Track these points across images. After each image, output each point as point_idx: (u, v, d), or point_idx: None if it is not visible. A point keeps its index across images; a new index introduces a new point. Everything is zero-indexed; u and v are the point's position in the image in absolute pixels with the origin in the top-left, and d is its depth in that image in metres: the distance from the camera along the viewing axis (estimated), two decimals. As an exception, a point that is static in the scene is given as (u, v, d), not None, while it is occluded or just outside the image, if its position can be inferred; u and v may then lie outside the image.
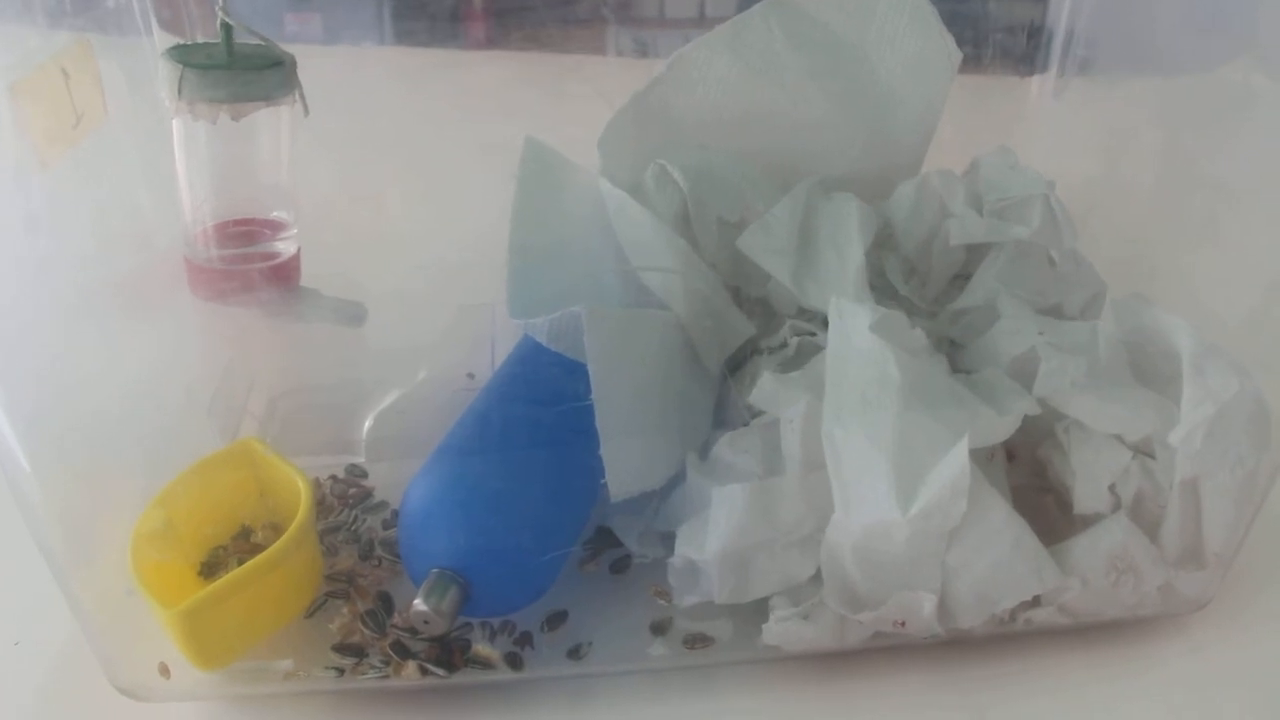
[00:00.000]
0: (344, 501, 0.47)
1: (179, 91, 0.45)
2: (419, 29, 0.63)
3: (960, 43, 0.50)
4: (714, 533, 0.41)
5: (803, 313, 0.47)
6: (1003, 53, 0.56)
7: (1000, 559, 0.40)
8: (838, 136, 0.51)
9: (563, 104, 0.62)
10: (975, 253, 0.49)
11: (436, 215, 0.57)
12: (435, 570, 0.39)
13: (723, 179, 0.50)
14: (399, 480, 0.47)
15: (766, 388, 0.42)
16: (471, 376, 0.52)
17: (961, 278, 0.49)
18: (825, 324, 0.45)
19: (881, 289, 0.48)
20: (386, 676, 0.41)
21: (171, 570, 0.43)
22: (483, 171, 0.57)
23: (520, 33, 0.63)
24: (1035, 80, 0.57)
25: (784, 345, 0.46)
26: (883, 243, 0.48)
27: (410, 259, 0.55)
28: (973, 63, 0.51)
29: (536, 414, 0.43)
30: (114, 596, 0.41)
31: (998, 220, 0.47)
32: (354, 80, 0.57)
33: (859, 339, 0.40)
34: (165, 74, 0.46)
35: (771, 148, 0.51)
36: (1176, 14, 0.52)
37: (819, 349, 0.45)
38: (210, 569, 0.44)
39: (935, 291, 0.49)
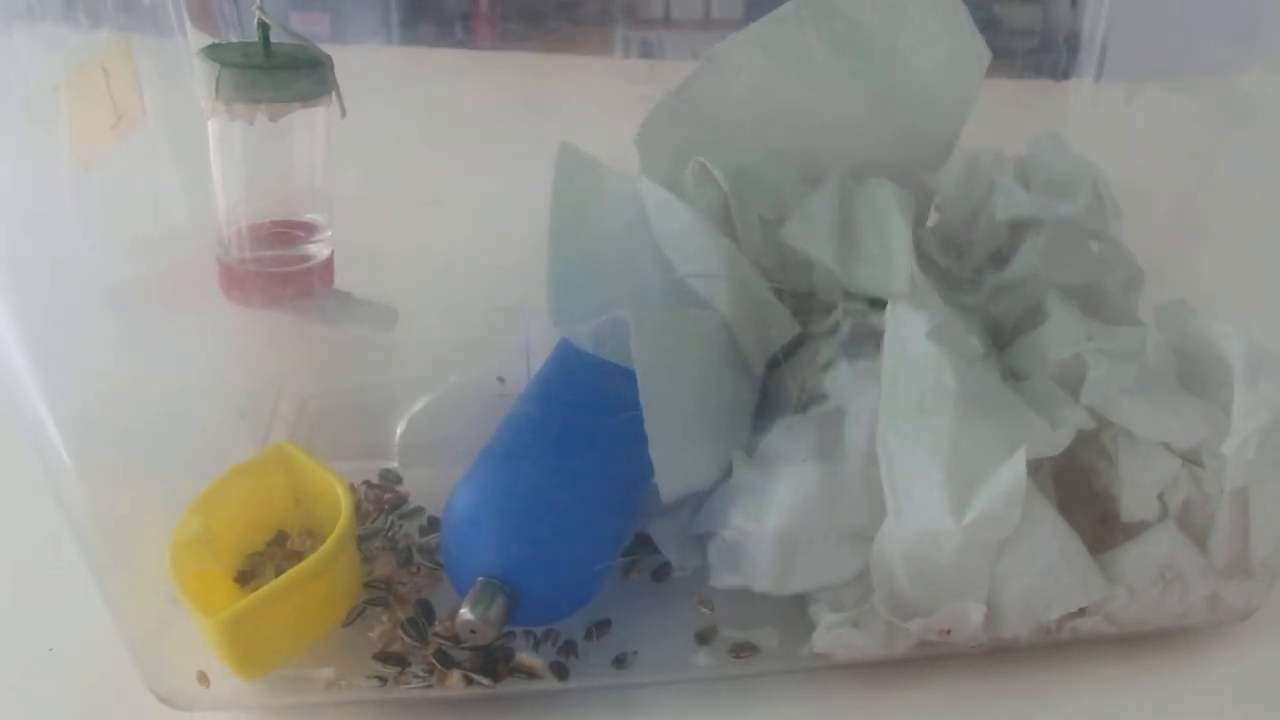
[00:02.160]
0: (379, 507, 0.47)
1: (215, 91, 0.45)
2: (426, 30, 0.64)
3: (996, 48, 0.51)
4: (776, 508, 0.41)
5: (851, 296, 0.47)
6: (1038, 58, 0.57)
7: (1048, 569, 0.40)
8: (868, 134, 0.51)
9: (579, 104, 0.62)
10: (1017, 233, 0.49)
11: (463, 217, 0.57)
12: (481, 578, 0.39)
13: (761, 177, 0.50)
14: (433, 486, 0.48)
15: (842, 375, 0.42)
16: (503, 381, 0.52)
17: (999, 257, 0.49)
18: (874, 305, 0.45)
19: (921, 262, 0.48)
20: (430, 686, 0.41)
21: (209, 577, 0.43)
22: (508, 173, 0.57)
23: (527, 34, 0.63)
24: (1070, 85, 0.57)
25: (836, 328, 0.46)
26: (922, 218, 0.49)
27: (437, 262, 0.55)
28: (1008, 68, 0.52)
29: (581, 420, 0.43)
30: (152, 603, 0.41)
31: (1045, 197, 0.48)
32: (367, 80, 0.56)
33: (915, 346, 0.40)
34: (201, 73, 0.45)
35: (803, 145, 0.51)
36: (1210, 20, 0.53)
37: (873, 332, 0.45)
38: (247, 576, 0.44)
39: (974, 264, 0.49)
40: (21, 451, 0.50)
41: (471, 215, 0.56)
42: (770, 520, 0.41)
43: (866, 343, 0.46)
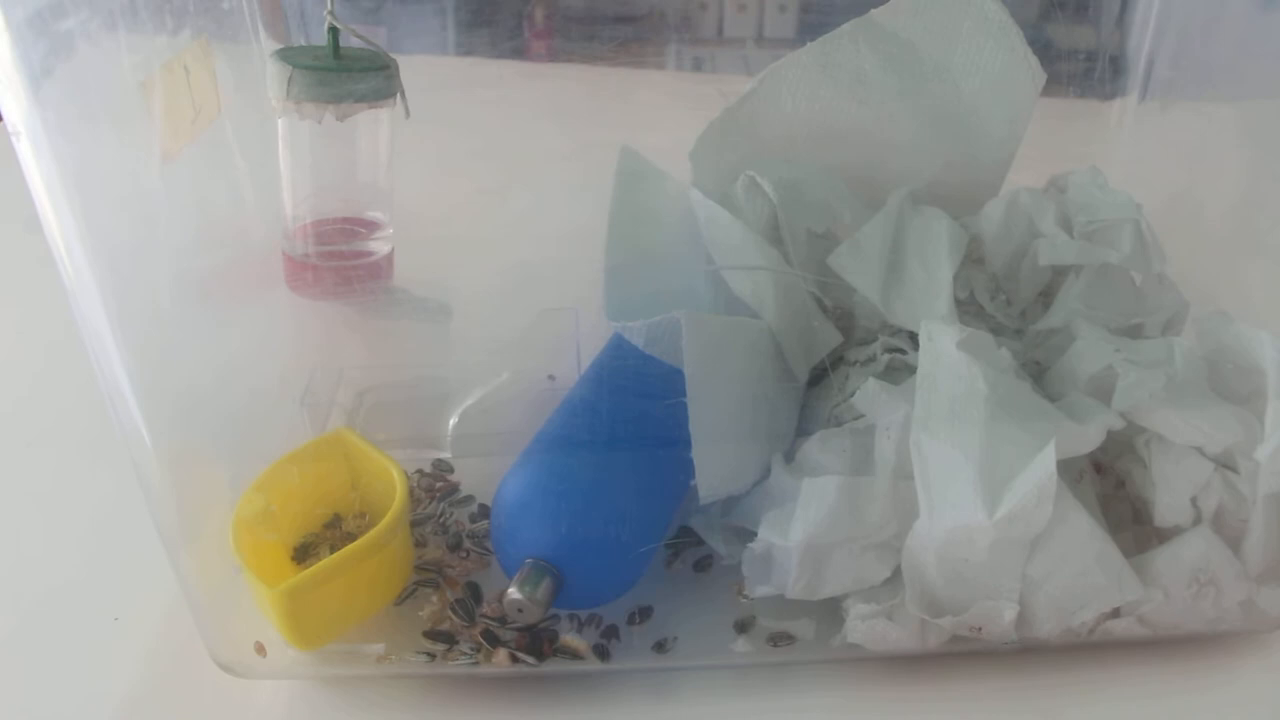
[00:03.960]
0: (431, 495, 0.50)
1: (287, 91, 0.48)
2: (482, 41, 0.66)
3: (1045, 69, 0.52)
4: (800, 522, 0.43)
5: (887, 327, 0.49)
6: (1084, 77, 0.58)
7: (1082, 569, 0.42)
8: (921, 154, 0.53)
9: (631, 114, 0.64)
10: (1058, 272, 0.50)
11: (518, 219, 0.59)
12: (530, 560, 0.42)
13: (810, 192, 0.52)
14: (483, 476, 0.50)
15: (870, 392, 0.44)
16: (552, 378, 0.54)
17: (1044, 296, 0.51)
18: (913, 341, 0.47)
19: (968, 306, 0.50)
20: (477, 663, 0.43)
21: (268, 554, 0.45)
22: (563, 177, 0.59)
23: (582, 48, 0.65)
24: (1116, 104, 0.59)
25: (873, 359, 0.48)
26: (971, 259, 0.50)
27: (492, 261, 0.57)
28: (1054, 86, 0.53)
29: (632, 409, 0.45)
30: (216, 576, 0.44)
31: (1088, 243, 0.49)
32: (425, 87, 0.59)
33: (948, 356, 0.42)
34: (273, 74, 0.48)
35: (856, 163, 0.53)
36: (1256, 39, 0.54)
37: (909, 368, 0.47)
38: (303, 554, 0.46)
39: (1021, 309, 0.51)
40: (93, 431, 0.53)
41: (525, 217, 0.59)
42: (794, 534, 0.43)
43: (901, 377, 0.47)
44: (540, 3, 0.63)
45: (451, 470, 0.51)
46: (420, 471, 0.51)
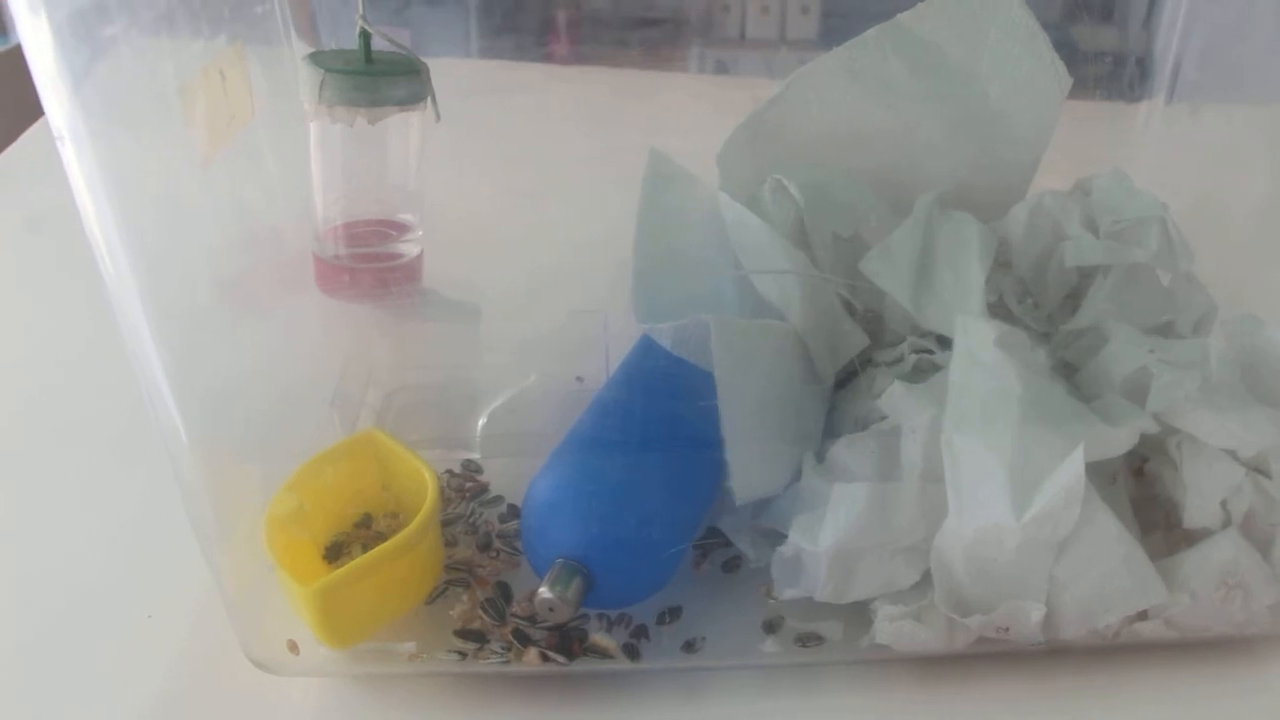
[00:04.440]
0: (461, 495, 0.50)
1: (319, 95, 0.49)
2: (505, 45, 0.67)
3: (1068, 69, 0.52)
4: (830, 527, 0.43)
5: (916, 329, 0.49)
6: (1110, 79, 0.58)
7: (1108, 572, 0.42)
8: (947, 158, 0.53)
9: (656, 116, 0.65)
10: (1085, 274, 0.51)
11: (546, 222, 0.60)
12: (560, 560, 0.42)
13: (836, 195, 0.52)
14: (512, 476, 0.51)
15: (895, 395, 0.45)
16: (580, 380, 0.55)
17: (1071, 298, 0.51)
18: (941, 343, 0.47)
19: (996, 310, 0.50)
20: (507, 662, 0.43)
21: (300, 553, 0.46)
22: (591, 180, 0.60)
23: (604, 50, 0.66)
24: (1142, 106, 0.59)
25: (900, 360, 0.48)
26: (998, 263, 0.50)
27: (520, 263, 0.58)
28: (1080, 89, 0.53)
29: (661, 413, 0.45)
30: (249, 574, 0.44)
31: (1115, 243, 0.49)
32: (451, 91, 0.60)
33: (982, 353, 0.42)
34: (306, 78, 0.49)
35: (883, 167, 0.53)
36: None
37: (936, 368, 0.47)
38: (334, 553, 0.47)
39: (1048, 312, 0.51)
40: (124, 429, 0.54)
41: (553, 220, 0.59)
42: (824, 539, 0.43)
43: (929, 377, 0.48)
44: (563, 6, 0.63)
45: (480, 470, 0.52)
46: (450, 472, 0.51)
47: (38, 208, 0.81)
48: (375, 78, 0.49)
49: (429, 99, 0.50)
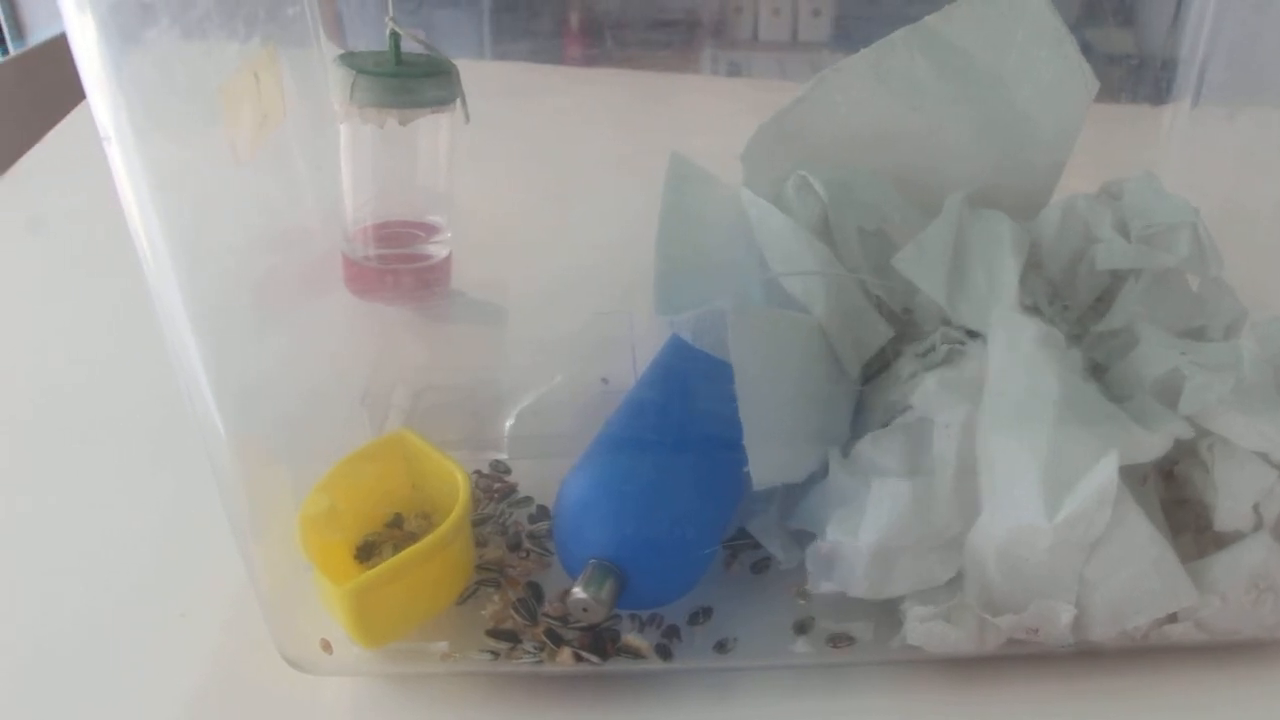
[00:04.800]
0: (490, 495, 0.51)
1: (350, 96, 0.49)
2: (519, 46, 0.67)
3: (1094, 71, 0.53)
4: (871, 524, 0.43)
5: (948, 322, 0.49)
6: (1134, 82, 0.58)
7: (1138, 573, 0.42)
8: (973, 161, 0.53)
9: (672, 118, 0.65)
10: (1115, 277, 0.51)
11: (570, 224, 0.60)
12: (593, 560, 0.42)
13: (861, 193, 0.52)
14: (541, 477, 0.51)
15: (928, 389, 0.45)
16: (606, 381, 0.55)
17: (1101, 301, 0.51)
18: (971, 335, 0.48)
19: (1027, 310, 0.50)
20: (540, 662, 0.44)
21: (331, 552, 0.46)
22: (612, 182, 0.60)
23: (617, 52, 0.66)
24: (1168, 109, 0.59)
25: (932, 349, 0.48)
26: (1029, 264, 0.51)
27: (545, 265, 0.58)
28: (1104, 91, 0.53)
29: (693, 409, 0.46)
30: (283, 572, 0.45)
31: (1146, 246, 0.50)
32: (471, 93, 0.60)
33: (1020, 350, 0.43)
34: (337, 79, 0.49)
35: (907, 168, 0.53)
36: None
37: (966, 355, 0.47)
38: (366, 553, 0.47)
39: (1077, 314, 0.51)
40: (157, 429, 0.55)
41: (578, 222, 0.60)
42: (865, 535, 0.43)
43: (959, 367, 0.48)
44: (576, 8, 0.64)
45: (509, 471, 0.52)
46: (478, 472, 0.52)
47: (52, 209, 0.82)
48: (406, 79, 0.49)
49: (459, 100, 0.50)
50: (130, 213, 0.35)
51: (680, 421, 0.46)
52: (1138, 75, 0.60)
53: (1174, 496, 0.46)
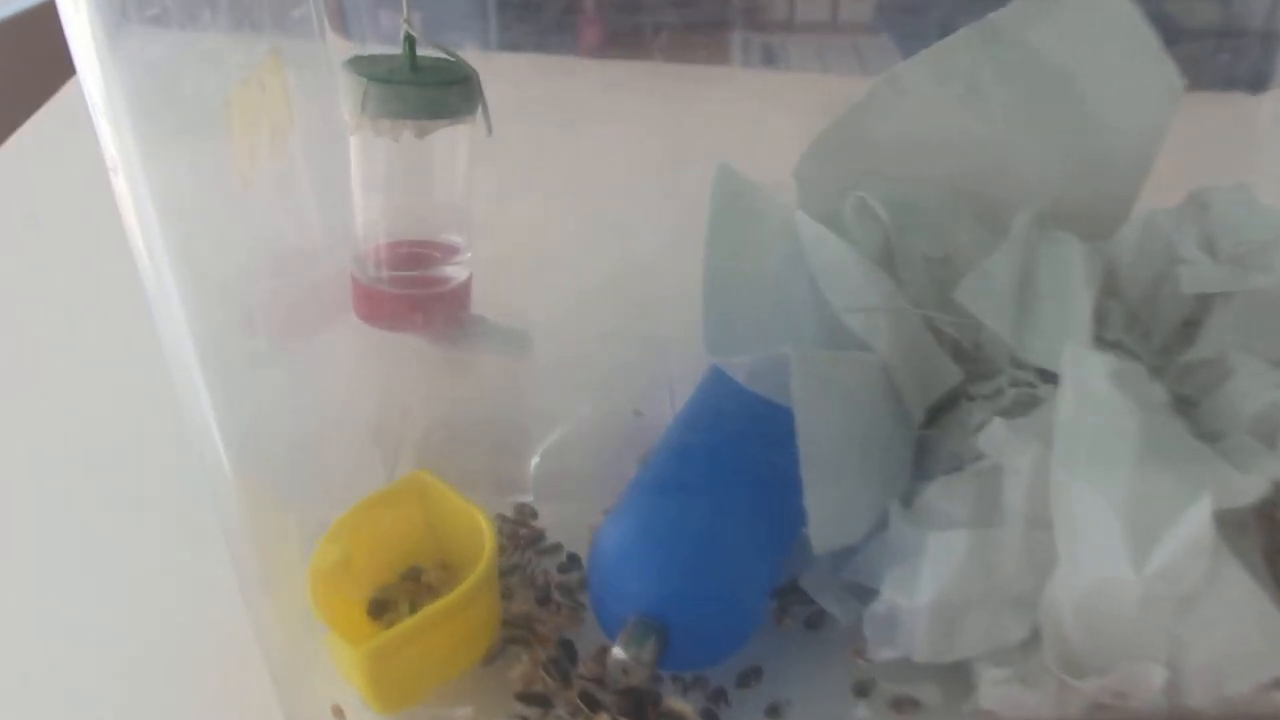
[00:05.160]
0: (515, 543, 0.50)
1: (361, 107, 0.48)
2: (528, 34, 0.67)
3: (1177, 55, 0.51)
4: (927, 580, 0.43)
5: (1015, 360, 0.49)
6: (1227, 64, 0.57)
7: (1239, 632, 0.41)
8: (1044, 171, 0.53)
9: (704, 117, 0.65)
10: (1202, 300, 0.50)
11: (593, 238, 0.60)
12: (634, 616, 0.42)
13: (925, 212, 0.52)
14: (570, 522, 0.50)
15: (996, 434, 0.44)
16: (639, 414, 0.55)
17: (1188, 326, 0.51)
18: (1043, 376, 0.47)
19: (1103, 341, 0.49)
20: (575, 728, 0.43)
21: (343, 608, 0.45)
22: (640, 191, 0.60)
23: (638, 39, 0.66)
24: (1267, 98, 0.58)
25: (999, 393, 0.48)
26: (1104, 289, 0.50)
27: (572, 285, 0.57)
28: (1189, 75, 0.52)
29: (743, 451, 0.45)
30: (292, 630, 0.44)
31: (1237, 266, 0.49)
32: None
33: (1095, 388, 0.42)
34: (347, 87, 0.49)
35: (973, 180, 0.53)
36: None
37: (1038, 401, 0.47)
38: (380, 608, 0.47)
39: (1160, 343, 0.50)
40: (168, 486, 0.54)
41: (601, 236, 0.59)
42: (922, 594, 0.43)
43: (1030, 413, 0.47)
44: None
45: (535, 515, 0.51)
46: (502, 517, 0.51)
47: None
48: (423, 88, 0.48)
49: (480, 110, 0.49)
50: (136, 244, 0.35)
51: (729, 464, 0.45)
52: (1230, 56, 0.59)
53: (1277, 544, 0.45)
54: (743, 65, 0.69)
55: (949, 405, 0.49)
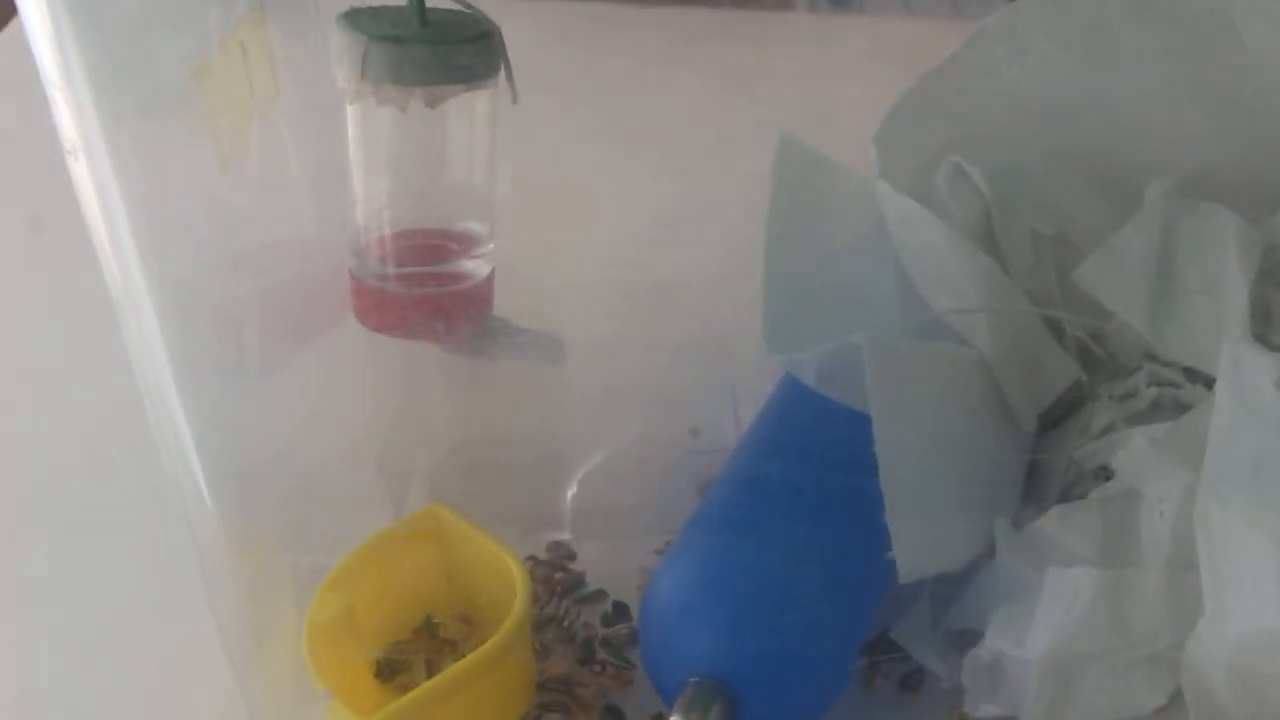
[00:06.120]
0: (550, 589, 0.51)
1: (362, 70, 0.49)
2: None
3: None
4: (1042, 625, 0.44)
5: (1152, 357, 0.49)
6: None
7: None
8: (1186, 133, 0.53)
9: (763, 71, 0.65)
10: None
11: (644, 224, 0.60)
12: (694, 680, 0.43)
13: (1034, 184, 0.52)
14: (615, 563, 0.51)
15: (1137, 452, 0.45)
16: (696, 434, 0.55)
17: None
18: (1189, 375, 0.47)
19: (1261, 337, 0.50)
20: (627, 811, 0.44)
21: (346, 669, 0.46)
22: (691, 162, 0.60)
23: None
24: None
25: (1134, 394, 0.48)
26: (1265, 276, 0.50)
27: (617, 282, 0.58)
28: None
29: (822, 481, 0.46)
30: (284, 696, 0.45)
31: None
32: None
33: (1259, 397, 0.42)
34: (344, 47, 0.49)
35: (1096, 148, 0.54)
36: None
37: (1183, 407, 0.47)
38: (390, 669, 0.48)
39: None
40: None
41: (655, 221, 0.60)
42: (1035, 642, 0.44)
43: (1174, 420, 0.48)
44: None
45: (573, 556, 0.53)
46: (534, 559, 0.52)
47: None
48: (435, 46, 0.49)
49: (503, 72, 0.50)
50: (99, 239, 0.36)
51: (805, 496, 0.46)
52: None
53: None
54: (808, 9, 0.69)
55: (1067, 410, 0.50)
